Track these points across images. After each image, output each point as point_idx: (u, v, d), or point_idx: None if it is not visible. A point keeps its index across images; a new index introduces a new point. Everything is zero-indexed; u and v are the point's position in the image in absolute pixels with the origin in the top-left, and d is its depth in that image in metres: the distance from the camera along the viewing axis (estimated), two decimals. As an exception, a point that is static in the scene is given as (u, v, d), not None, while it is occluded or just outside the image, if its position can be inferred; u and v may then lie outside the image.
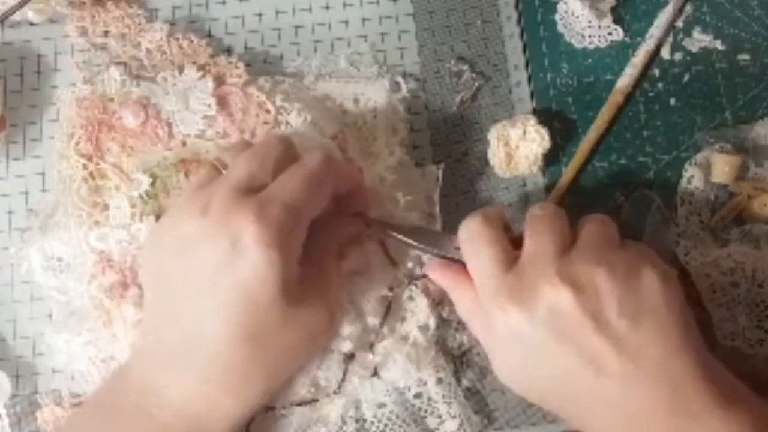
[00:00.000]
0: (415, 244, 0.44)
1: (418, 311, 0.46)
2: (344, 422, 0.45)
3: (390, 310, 0.45)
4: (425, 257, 0.46)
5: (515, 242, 0.41)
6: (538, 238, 0.41)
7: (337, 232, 0.44)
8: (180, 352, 0.39)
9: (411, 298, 0.46)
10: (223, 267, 0.38)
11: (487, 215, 0.42)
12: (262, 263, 0.37)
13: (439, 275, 0.44)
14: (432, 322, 0.46)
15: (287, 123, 0.48)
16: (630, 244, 0.41)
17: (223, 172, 0.42)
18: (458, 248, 0.43)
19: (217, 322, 0.38)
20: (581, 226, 0.41)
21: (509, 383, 0.42)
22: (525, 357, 0.39)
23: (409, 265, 0.46)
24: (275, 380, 0.42)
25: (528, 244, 0.41)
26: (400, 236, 0.44)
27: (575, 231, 0.41)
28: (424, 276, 0.46)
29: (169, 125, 0.49)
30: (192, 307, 0.39)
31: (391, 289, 0.46)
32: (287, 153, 0.42)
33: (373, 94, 0.51)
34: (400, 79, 0.51)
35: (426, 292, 0.46)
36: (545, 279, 0.38)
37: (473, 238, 0.42)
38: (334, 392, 0.45)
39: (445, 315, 0.46)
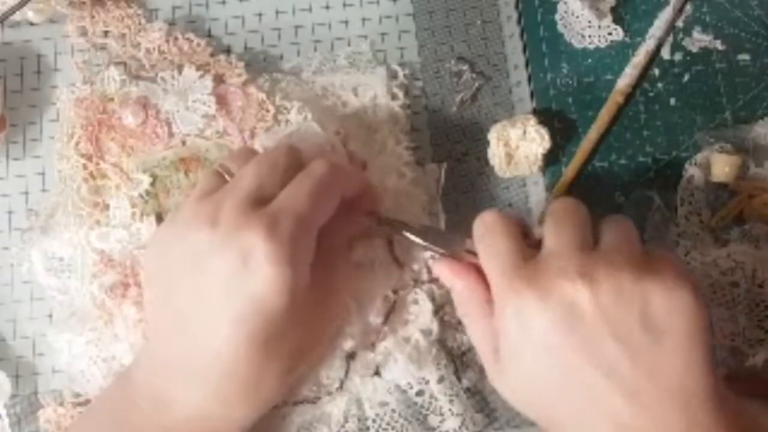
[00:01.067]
0: (424, 243, 0.43)
1: (422, 315, 0.46)
2: (346, 420, 0.45)
3: (393, 311, 0.45)
4: (432, 260, 0.46)
5: (533, 245, 0.40)
6: (559, 232, 0.39)
7: (348, 228, 0.44)
8: (191, 364, 0.39)
9: (416, 301, 0.46)
10: (234, 282, 0.37)
11: (503, 212, 0.41)
12: (275, 279, 0.37)
13: (447, 272, 0.43)
14: (435, 327, 0.46)
15: (287, 121, 0.48)
16: (655, 251, 0.39)
17: (228, 178, 0.41)
18: (469, 251, 0.42)
19: (229, 337, 0.38)
20: (604, 227, 0.40)
21: (507, 391, 0.40)
22: (531, 356, 0.37)
23: (416, 267, 0.46)
24: (288, 382, 0.42)
25: (548, 238, 0.39)
26: (409, 234, 0.44)
27: (597, 229, 0.40)
28: (431, 281, 0.46)
29: (169, 125, 0.49)
30: (202, 320, 0.39)
31: (395, 291, 0.46)
32: (294, 162, 0.42)
33: (371, 82, 0.51)
34: (396, 67, 0.52)
35: (431, 296, 0.46)
36: (565, 273, 0.36)
37: (489, 230, 0.40)
38: (336, 390, 0.45)
39: (446, 317, 0.46)
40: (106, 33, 0.52)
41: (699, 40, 0.53)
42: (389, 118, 0.50)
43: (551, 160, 0.50)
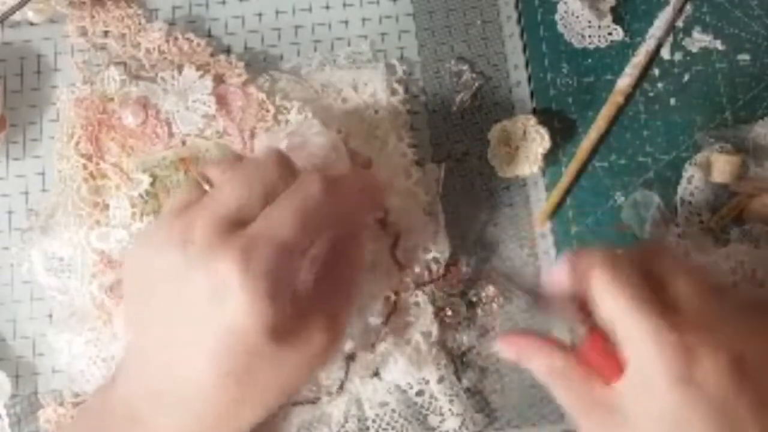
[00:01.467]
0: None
1: (422, 317, 0.46)
2: (346, 420, 0.45)
3: (394, 312, 0.45)
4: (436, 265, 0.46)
5: None
6: (693, 284, 0.36)
7: (363, 243, 0.41)
8: (167, 387, 0.36)
9: (417, 303, 0.46)
10: (207, 310, 0.34)
11: (623, 251, 0.37)
12: (249, 312, 0.33)
13: (536, 348, 0.38)
14: (435, 329, 0.46)
15: (287, 121, 0.48)
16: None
17: (207, 188, 0.37)
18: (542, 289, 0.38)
19: (203, 367, 0.35)
20: (720, 287, 0.37)
21: None
22: (687, 417, 0.33)
23: (417, 270, 0.46)
24: (271, 407, 0.38)
25: (682, 286, 0.36)
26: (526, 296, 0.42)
27: (715, 284, 0.37)
28: (431, 281, 0.46)
29: (169, 125, 0.49)
30: (177, 344, 0.35)
31: (396, 292, 0.46)
32: (283, 175, 0.37)
33: (370, 78, 0.51)
34: (395, 62, 0.52)
35: (432, 298, 0.46)
36: (729, 328, 0.34)
37: (613, 276, 0.35)
38: (336, 391, 0.45)
39: (446, 319, 0.46)
40: (106, 33, 0.52)
41: (699, 40, 0.53)
42: (389, 114, 0.50)
43: (551, 160, 0.50)
